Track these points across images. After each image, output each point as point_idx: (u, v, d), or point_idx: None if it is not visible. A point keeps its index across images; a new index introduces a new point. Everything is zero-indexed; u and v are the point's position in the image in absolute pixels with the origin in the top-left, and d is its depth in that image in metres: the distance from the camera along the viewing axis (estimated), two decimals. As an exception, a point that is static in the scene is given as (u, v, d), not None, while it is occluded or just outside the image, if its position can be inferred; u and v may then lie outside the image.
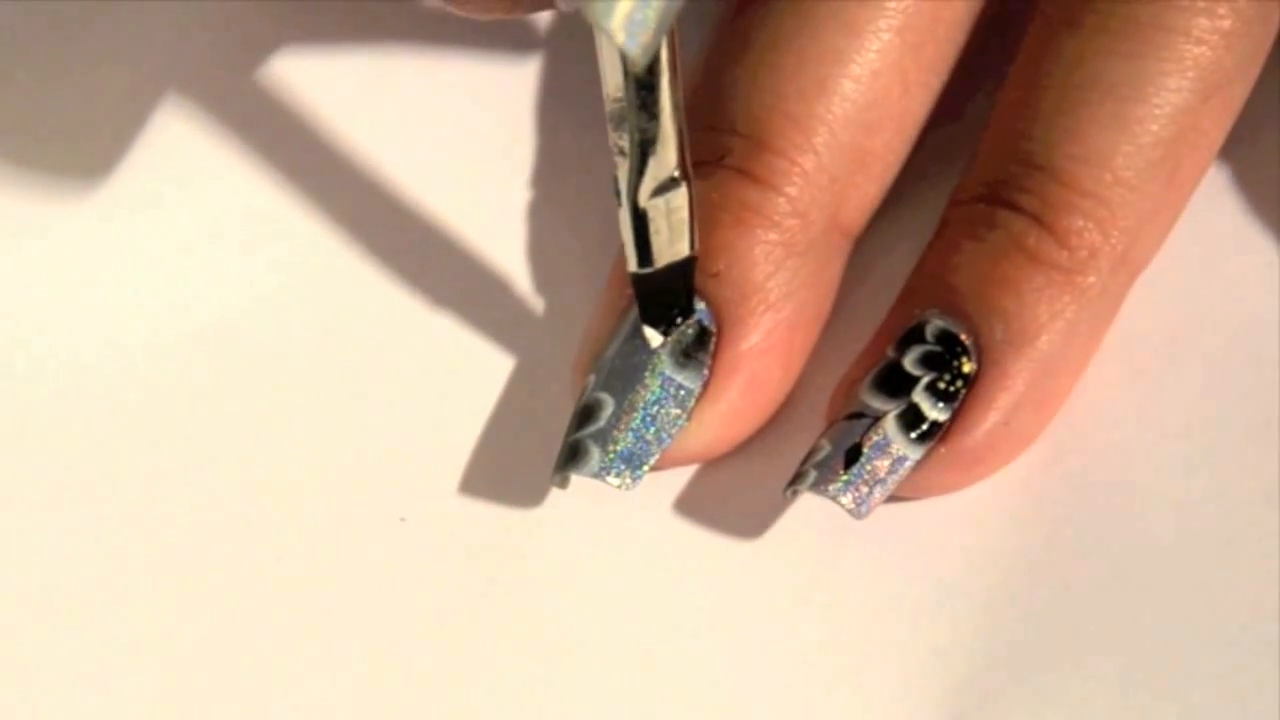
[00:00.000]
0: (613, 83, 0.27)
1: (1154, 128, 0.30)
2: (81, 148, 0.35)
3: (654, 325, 0.31)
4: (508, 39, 0.36)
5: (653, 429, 0.31)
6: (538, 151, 0.35)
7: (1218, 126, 0.31)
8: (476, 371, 0.33)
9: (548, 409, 0.33)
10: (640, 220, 0.29)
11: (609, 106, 0.28)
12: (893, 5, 0.31)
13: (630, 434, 0.31)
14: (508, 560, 0.32)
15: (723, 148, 0.31)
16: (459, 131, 0.35)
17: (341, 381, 0.33)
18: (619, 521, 0.32)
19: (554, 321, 0.34)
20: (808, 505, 0.32)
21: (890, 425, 0.30)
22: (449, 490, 0.32)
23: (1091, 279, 0.30)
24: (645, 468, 0.31)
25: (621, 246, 0.31)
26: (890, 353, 0.31)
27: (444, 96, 0.36)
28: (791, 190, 0.31)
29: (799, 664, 0.31)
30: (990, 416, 0.30)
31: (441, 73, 0.36)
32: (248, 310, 0.34)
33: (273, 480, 0.32)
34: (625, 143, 0.28)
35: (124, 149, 0.35)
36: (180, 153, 0.35)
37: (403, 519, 0.32)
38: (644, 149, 0.28)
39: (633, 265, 0.30)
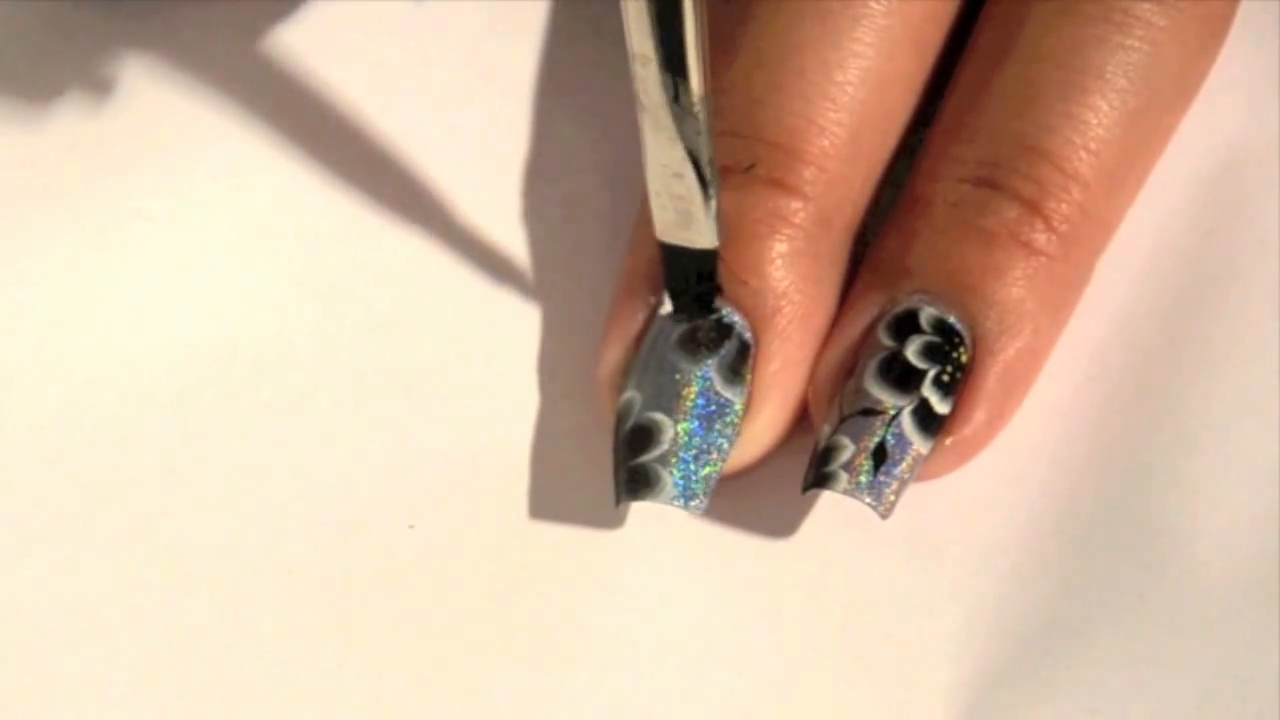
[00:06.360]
0: (636, 35, 0.27)
1: (1144, 122, 0.31)
2: (81, 161, 0.35)
3: (674, 297, 0.31)
4: (508, 33, 0.36)
5: (712, 449, 0.31)
6: (541, 152, 0.35)
7: (1184, 109, 0.32)
8: (484, 377, 0.33)
9: (556, 414, 0.33)
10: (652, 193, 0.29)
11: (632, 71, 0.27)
12: (903, 7, 0.31)
13: (693, 455, 0.31)
14: (517, 564, 0.32)
15: (751, 155, 0.31)
16: (462, 133, 0.35)
17: (346, 389, 0.33)
18: (628, 523, 0.32)
19: (563, 326, 0.34)
20: (814, 500, 0.32)
21: (908, 422, 0.30)
22: (457, 497, 0.32)
23: (1071, 264, 0.31)
24: (710, 491, 0.31)
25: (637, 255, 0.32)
26: (887, 341, 0.31)
27: (445, 95, 0.36)
28: (819, 198, 0.31)
29: (809, 660, 0.31)
30: (989, 407, 0.31)
31: (442, 74, 0.36)
32: (252, 320, 0.34)
33: (280, 488, 0.32)
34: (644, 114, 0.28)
35: (123, 162, 0.35)
36: (179, 165, 0.35)
37: (411, 526, 0.32)
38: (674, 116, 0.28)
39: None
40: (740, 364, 0.31)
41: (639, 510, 0.32)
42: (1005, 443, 0.32)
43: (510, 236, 0.34)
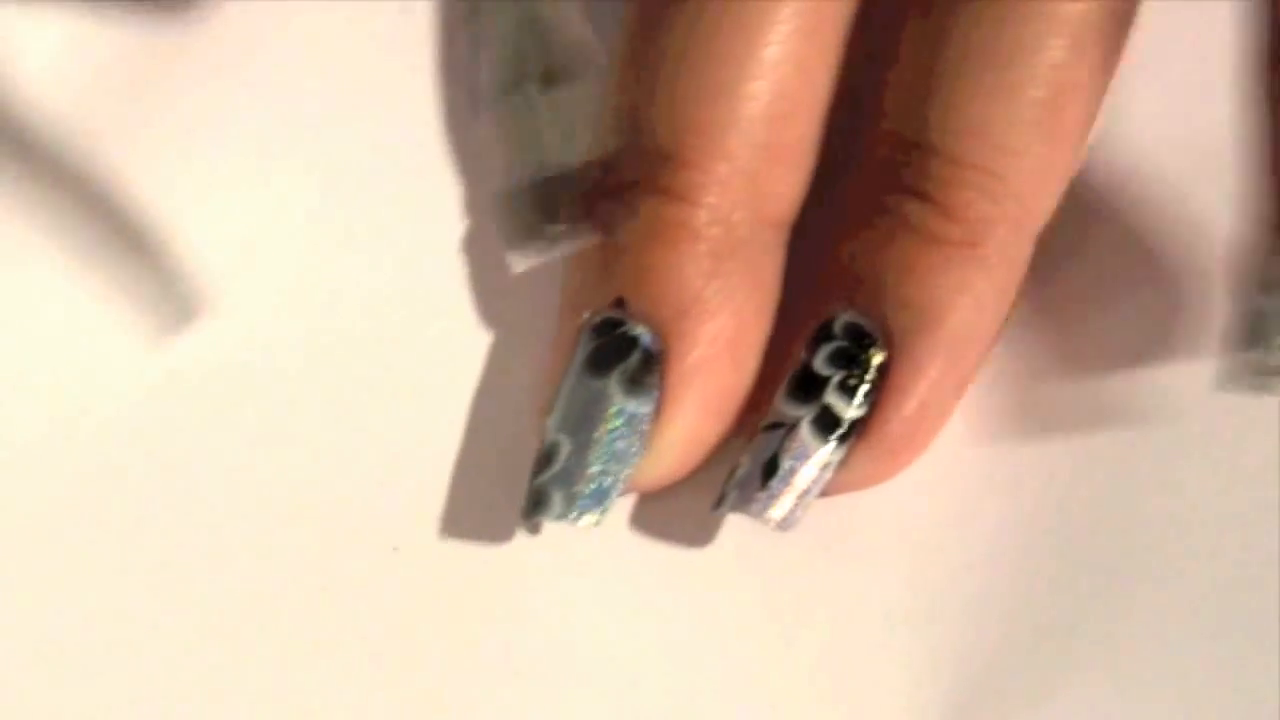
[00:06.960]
0: None
1: (1030, 90, 0.30)
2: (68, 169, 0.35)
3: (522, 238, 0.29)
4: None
5: (613, 463, 0.31)
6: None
7: (1096, 76, 0.30)
8: (470, 397, 0.33)
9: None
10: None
11: None
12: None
13: (591, 471, 0.31)
14: (502, 587, 0.32)
15: (639, 166, 0.31)
16: (456, 139, 0.35)
17: (335, 404, 0.33)
18: (612, 545, 0.32)
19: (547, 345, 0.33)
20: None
21: (805, 431, 0.30)
22: (442, 519, 0.33)
23: (990, 248, 0.30)
24: (609, 502, 0.31)
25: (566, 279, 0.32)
26: (802, 355, 0.30)
27: (434, 100, 0.35)
28: (710, 199, 0.31)
29: (794, 679, 0.31)
30: (906, 405, 0.30)
31: (428, 81, 0.35)
32: (232, 340, 0.34)
33: (263, 510, 0.33)
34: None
35: (109, 174, 0.34)
36: (163, 178, 0.34)
37: (395, 548, 0.33)
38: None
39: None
40: (644, 374, 0.30)
41: (624, 532, 0.32)
42: (990, 444, 0.32)
43: (488, 257, 0.34)
